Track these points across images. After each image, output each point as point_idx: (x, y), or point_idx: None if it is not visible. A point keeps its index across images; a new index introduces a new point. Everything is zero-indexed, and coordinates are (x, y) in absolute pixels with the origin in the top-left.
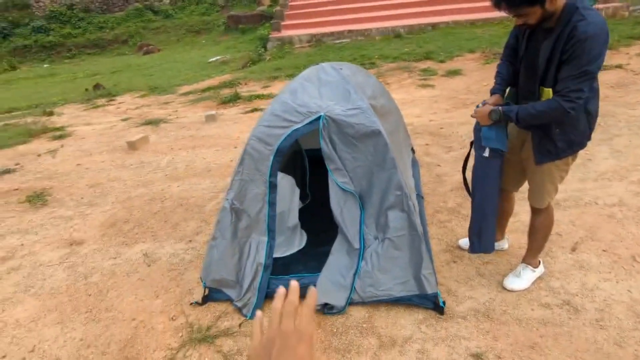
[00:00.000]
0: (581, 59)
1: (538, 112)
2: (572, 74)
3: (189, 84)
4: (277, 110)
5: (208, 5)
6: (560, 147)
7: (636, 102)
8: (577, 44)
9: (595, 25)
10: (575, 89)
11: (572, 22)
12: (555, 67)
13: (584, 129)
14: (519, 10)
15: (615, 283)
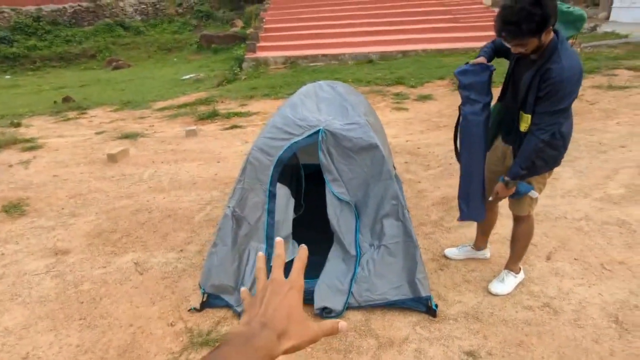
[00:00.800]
0: (554, 99)
1: (529, 155)
2: (548, 110)
3: (163, 100)
4: (278, 123)
5: (180, 24)
6: (538, 165)
7: (593, 129)
8: (551, 86)
9: (567, 70)
10: (550, 122)
11: (550, 61)
12: (533, 97)
13: (558, 149)
14: (521, 40)
15: (588, 287)
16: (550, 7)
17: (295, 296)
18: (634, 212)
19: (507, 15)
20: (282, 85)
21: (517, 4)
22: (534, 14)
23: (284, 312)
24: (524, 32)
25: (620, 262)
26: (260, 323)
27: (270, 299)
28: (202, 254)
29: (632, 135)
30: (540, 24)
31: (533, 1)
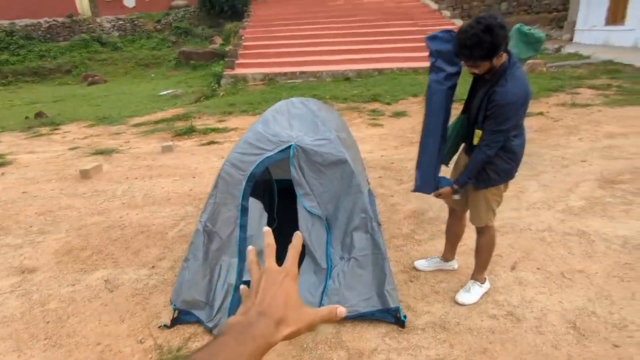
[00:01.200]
0: (497, 120)
1: (475, 167)
2: (492, 129)
3: (140, 116)
4: (250, 139)
5: (159, 40)
6: (492, 177)
7: (556, 144)
8: (494, 108)
9: (511, 95)
10: (494, 140)
11: (498, 84)
12: (482, 115)
13: (509, 163)
14: (473, 62)
15: (549, 295)
16: (500, 36)
17: (290, 284)
18: (592, 223)
19: (462, 39)
20: (260, 101)
21: (471, 30)
22: (485, 40)
23: (281, 300)
24: (475, 56)
25: (579, 270)
26: (257, 312)
27: (266, 288)
28: (175, 270)
29: (592, 150)
30: (489, 50)
31: (484, 29)
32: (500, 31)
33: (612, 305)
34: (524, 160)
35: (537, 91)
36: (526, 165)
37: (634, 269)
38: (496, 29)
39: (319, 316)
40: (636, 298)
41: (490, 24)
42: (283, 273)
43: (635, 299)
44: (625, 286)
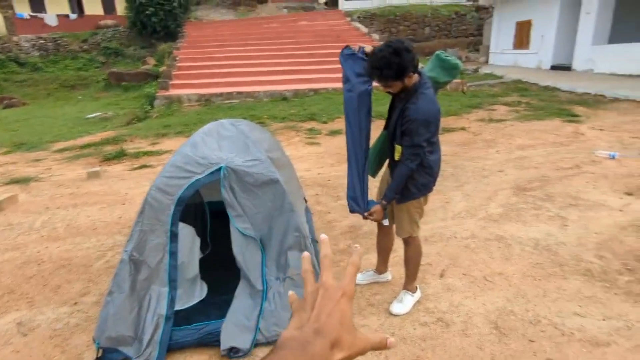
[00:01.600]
0: (412, 136)
1: (401, 180)
2: (409, 145)
3: (64, 140)
4: (178, 162)
5: (86, 61)
6: (412, 191)
7: (478, 157)
8: (407, 124)
9: (422, 112)
10: (414, 153)
11: (410, 101)
12: (399, 131)
13: (427, 178)
14: (387, 82)
15: (474, 299)
16: (407, 59)
17: (347, 304)
18: (509, 228)
19: (373, 62)
20: (196, 122)
21: (380, 53)
22: (393, 62)
23: (337, 319)
24: (384, 76)
25: (499, 273)
26: (314, 329)
27: (322, 304)
28: (100, 305)
29: (507, 161)
30: (397, 71)
31: (392, 52)
32: (406, 54)
33: (528, 303)
34: (449, 172)
35: (459, 108)
36: (452, 177)
37: (544, 268)
38: (403, 52)
39: (371, 343)
40: (547, 295)
41: (397, 47)
42: (341, 291)
43: (547, 296)
44: (538, 284)
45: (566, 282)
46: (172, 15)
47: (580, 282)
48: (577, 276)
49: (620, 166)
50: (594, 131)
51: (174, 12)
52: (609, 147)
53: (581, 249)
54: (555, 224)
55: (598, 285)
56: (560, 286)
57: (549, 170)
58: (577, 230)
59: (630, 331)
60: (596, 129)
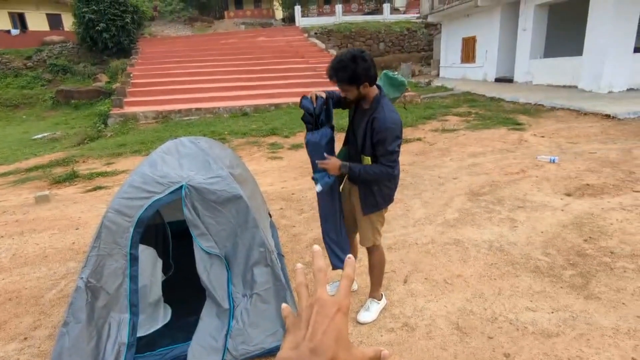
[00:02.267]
0: (385, 144)
1: (374, 173)
2: (383, 152)
3: (7, 164)
4: (136, 182)
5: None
6: (379, 201)
7: (434, 165)
8: (378, 134)
9: (389, 120)
10: (391, 159)
11: (376, 112)
12: (369, 142)
13: (391, 189)
14: (342, 85)
15: (436, 302)
16: (361, 67)
17: (342, 319)
18: (465, 232)
19: (332, 64)
20: (153, 140)
21: (342, 56)
22: (348, 66)
23: (333, 337)
24: (340, 79)
25: (458, 275)
26: (310, 349)
27: (317, 321)
28: (54, 338)
29: (461, 168)
30: (352, 76)
31: (350, 58)
32: (362, 62)
33: (485, 302)
34: (409, 181)
35: (415, 119)
36: (411, 185)
37: (498, 268)
38: (359, 59)
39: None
40: (502, 293)
41: (355, 55)
42: (336, 306)
43: (502, 294)
44: (493, 284)
45: (518, 280)
46: (124, 31)
47: (531, 279)
48: (528, 273)
49: (560, 169)
50: (536, 138)
51: (127, 28)
52: (550, 152)
53: (530, 247)
54: (506, 226)
55: (546, 281)
56: (513, 284)
57: (498, 176)
58: (525, 230)
59: (575, 321)
60: (538, 136)
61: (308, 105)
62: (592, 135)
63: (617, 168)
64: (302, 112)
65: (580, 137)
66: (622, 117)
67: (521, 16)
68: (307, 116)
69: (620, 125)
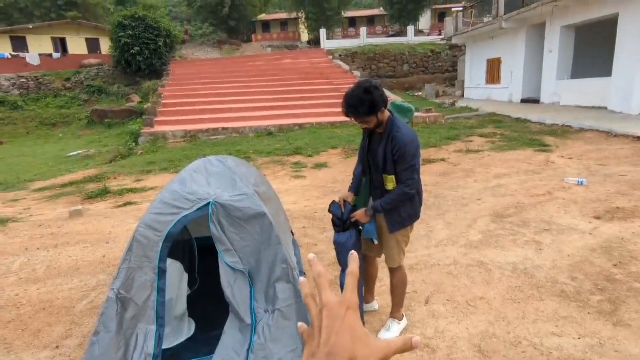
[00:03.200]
0: (405, 159)
1: (393, 200)
2: (404, 168)
3: (44, 179)
4: (166, 198)
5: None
6: (404, 217)
7: (457, 186)
8: (399, 150)
9: (406, 136)
10: (409, 177)
11: (392, 133)
12: (391, 161)
13: (418, 204)
14: (363, 118)
15: (457, 324)
16: (377, 95)
17: (353, 316)
18: (488, 253)
19: (347, 101)
20: (181, 158)
21: (353, 92)
22: (365, 99)
23: (347, 336)
24: (360, 113)
25: (480, 297)
26: (325, 354)
27: (329, 325)
28: (84, 347)
29: (485, 189)
30: (370, 107)
31: (363, 91)
32: (375, 91)
33: (508, 325)
34: (431, 202)
35: (439, 139)
36: (434, 206)
37: (522, 290)
38: (372, 89)
39: (392, 349)
40: (526, 317)
41: (367, 86)
42: (344, 305)
43: (525, 317)
44: (517, 307)
45: (543, 304)
46: (157, 54)
47: (556, 303)
48: (553, 297)
49: (588, 192)
50: (563, 159)
51: (159, 51)
52: (578, 174)
53: (556, 271)
54: (531, 248)
55: (573, 305)
56: (538, 307)
57: (523, 197)
58: (551, 253)
59: (603, 348)
60: (565, 157)
61: (336, 211)
62: (622, 157)
63: None
64: (333, 225)
65: (610, 158)
66: None
67: (547, 37)
68: (335, 220)
69: None
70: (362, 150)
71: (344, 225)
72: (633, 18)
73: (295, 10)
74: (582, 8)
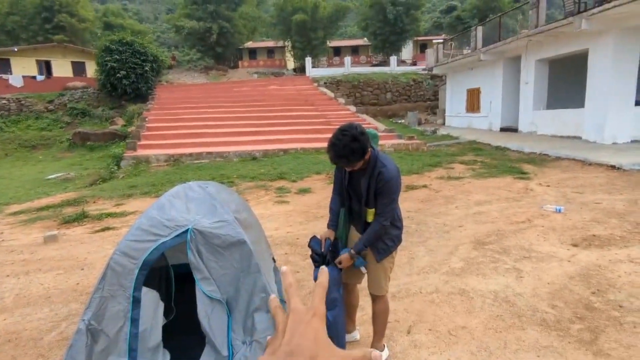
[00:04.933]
0: (389, 193)
1: (373, 235)
2: (385, 201)
3: (19, 203)
4: (144, 225)
5: (50, 121)
6: (389, 244)
7: (439, 212)
8: (384, 185)
9: (391, 171)
10: (389, 210)
11: (377, 168)
12: (373, 195)
13: (398, 230)
14: (354, 164)
15: (440, 355)
16: (364, 140)
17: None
18: (470, 281)
19: (336, 151)
20: (163, 182)
21: (340, 142)
22: (355, 148)
23: (311, 338)
24: (351, 161)
25: (462, 327)
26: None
27: (293, 327)
28: None
29: (466, 216)
30: (360, 152)
31: (351, 139)
32: (362, 137)
33: (490, 356)
34: (414, 229)
35: (421, 166)
36: (416, 232)
37: (503, 319)
38: (359, 136)
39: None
40: (507, 347)
41: (354, 134)
42: (311, 312)
43: (507, 347)
44: (499, 337)
45: (524, 333)
46: (143, 78)
47: (537, 332)
48: (534, 326)
49: (566, 219)
50: (541, 187)
51: (146, 75)
52: (555, 202)
53: (536, 299)
54: (511, 276)
55: (553, 335)
56: (519, 337)
57: (504, 224)
58: (531, 281)
59: None
60: (543, 185)
61: (316, 247)
62: (597, 185)
63: (624, 219)
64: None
65: (586, 187)
66: (628, 168)
67: (523, 70)
68: (315, 255)
69: (626, 176)
70: (338, 182)
71: (324, 261)
72: (602, 53)
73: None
74: (554, 43)
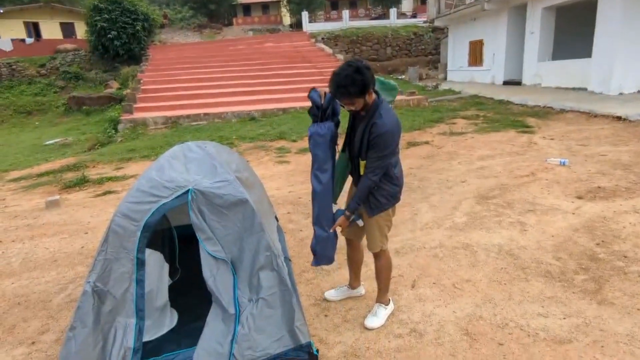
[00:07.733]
0: (378, 148)
1: (364, 193)
2: (374, 157)
3: (19, 169)
4: (143, 186)
5: (44, 86)
6: (382, 202)
7: (442, 169)
8: (375, 138)
9: (388, 124)
10: (377, 166)
11: (374, 117)
12: (365, 147)
13: (394, 188)
14: (352, 99)
15: (444, 307)
16: (368, 75)
17: None
18: (474, 236)
19: (337, 81)
20: (162, 145)
21: (344, 72)
22: (357, 79)
23: None
24: (350, 93)
25: (467, 280)
26: None
27: None
28: (61, 343)
29: (469, 171)
30: (361, 87)
31: (355, 70)
32: (367, 71)
33: (495, 307)
34: (416, 185)
35: (422, 122)
36: (419, 189)
37: (508, 272)
38: (364, 69)
39: None
40: (512, 298)
41: (358, 66)
42: None
43: (512, 299)
44: (504, 288)
45: (529, 285)
46: (135, 39)
47: (542, 284)
48: (539, 278)
49: (570, 172)
50: (545, 140)
51: (138, 36)
52: (560, 155)
53: (541, 251)
54: (515, 229)
55: (558, 286)
56: (523, 289)
57: (507, 179)
58: (535, 234)
59: (588, 327)
60: (547, 139)
61: (316, 98)
62: (602, 137)
63: (630, 170)
64: (310, 115)
65: (591, 139)
66: (634, 119)
67: (528, 19)
68: (314, 108)
69: (632, 127)
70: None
71: (323, 115)
72: (612, 0)
73: None
74: None
